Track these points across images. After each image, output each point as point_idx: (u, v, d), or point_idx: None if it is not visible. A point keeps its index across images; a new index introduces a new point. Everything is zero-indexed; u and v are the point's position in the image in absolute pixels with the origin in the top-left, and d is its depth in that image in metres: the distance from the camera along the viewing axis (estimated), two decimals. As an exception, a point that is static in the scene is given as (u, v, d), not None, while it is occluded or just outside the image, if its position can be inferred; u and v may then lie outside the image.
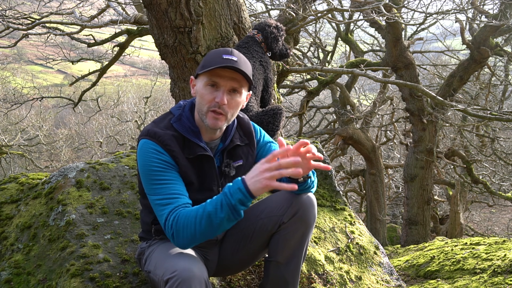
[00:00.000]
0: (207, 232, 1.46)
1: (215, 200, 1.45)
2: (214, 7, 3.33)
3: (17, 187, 2.49)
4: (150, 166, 1.58)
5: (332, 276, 2.29)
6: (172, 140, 1.62)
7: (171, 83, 3.72)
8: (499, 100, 10.58)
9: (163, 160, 1.59)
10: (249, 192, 1.40)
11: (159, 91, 20.71)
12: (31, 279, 1.96)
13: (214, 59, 1.60)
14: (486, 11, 8.02)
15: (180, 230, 1.47)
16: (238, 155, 1.76)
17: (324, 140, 11.03)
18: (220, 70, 1.59)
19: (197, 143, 1.65)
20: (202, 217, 1.44)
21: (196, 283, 1.40)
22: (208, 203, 1.47)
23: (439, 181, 10.23)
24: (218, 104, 1.60)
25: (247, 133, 1.79)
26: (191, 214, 1.48)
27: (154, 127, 1.64)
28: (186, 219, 1.47)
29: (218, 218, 1.43)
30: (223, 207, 1.42)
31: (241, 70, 1.58)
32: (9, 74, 19.25)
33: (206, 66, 1.60)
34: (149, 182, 1.59)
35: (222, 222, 1.44)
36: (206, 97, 1.61)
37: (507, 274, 2.56)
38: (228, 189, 1.44)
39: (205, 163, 1.68)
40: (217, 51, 1.65)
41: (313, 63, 11.13)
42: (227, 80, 1.60)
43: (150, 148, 1.60)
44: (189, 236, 1.47)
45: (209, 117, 1.61)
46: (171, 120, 1.68)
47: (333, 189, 2.90)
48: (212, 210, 1.43)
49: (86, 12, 7.99)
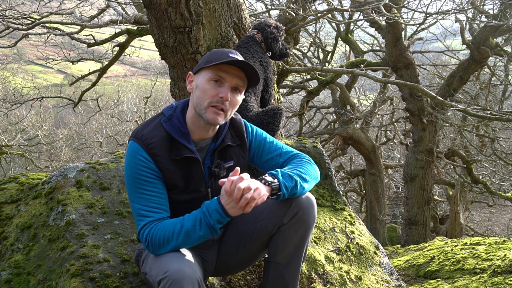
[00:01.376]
0: (183, 245, 1.54)
1: (194, 217, 1.52)
2: (214, 7, 3.34)
3: (17, 187, 2.49)
4: (135, 174, 1.61)
5: (332, 276, 2.29)
6: (159, 143, 1.62)
7: (171, 83, 3.72)
8: (499, 100, 10.58)
9: (148, 168, 1.60)
10: (227, 214, 1.48)
11: (159, 91, 20.70)
12: (31, 279, 1.96)
13: (221, 55, 1.61)
14: (486, 11, 8.02)
15: (155, 243, 1.54)
16: (229, 155, 1.75)
17: (324, 140, 11.03)
18: (227, 67, 1.60)
19: (185, 144, 1.64)
20: (180, 232, 1.51)
21: (187, 283, 1.41)
22: (186, 219, 1.53)
23: (439, 181, 10.23)
24: (222, 100, 1.60)
25: (239, 134, 1.78)
26: (168, 228, 1.53)
27: (144, 128, 1.65)
28: (162, 233, 1.53)
29: (197, 234, 1.52)
30: (202, 225, 1.50)
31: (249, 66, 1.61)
32: (9, 74, 19.25)
33: (212, 61, 1.60)
34: (132, 189, 1.62)
35: (200, 238, 1.53)
36: (208, 92, 1.61)
37: (507, 274, 2.56)
38: (206, 208, 1.51)
39: (192, 165, 1.67)
40: (221, 50, 1.66)
41: (313, 63, 11.13)
42: (233, 77, 1.62)
43: (136, 154, 1.61)
44: (163, 248, 1.54)
45: (209, 112, 1.61)
46: (162, 120, 1.68)
47: (333, 189, 2.90)
48: (191, 227, 1.51)
49: (86, 12, 8.00)
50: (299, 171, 1.66)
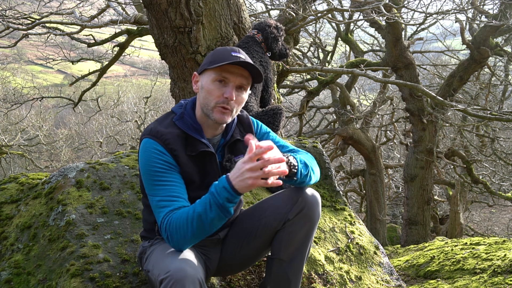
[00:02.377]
0: (200, 232, 1.49)
1: (204, 200, 1.48)
2: (214, 7, 3.34)
3: (17, 187, 2.49)
4: (151, 167, 1.60)
5: (332, 276, 2.29)
6: (175, 139, 1.64)
7: (171, 83, 3.73)
8: (499, 100, 10.59)
9: (164, 160, 1.61)
10: (235, 190, 1.43)
11: (159, 91, 20.71)
12: (31, 279, 1.96)
13: (224, 56, 1.62)
14: (486, 11, 8.02)
15: (173, 233, 1.51)
16: (239, 149, 1.78)
17: (324, 140, 11.03)
18: (230, 67, 1.62)
19: (199, 139, 1.67)
20: (193, 218, 1.48)
21: (189, 283, 1.40)
22: (197, 203, 1.50)
23: (439, 181, 10.23)
24: (227, 100, 1.62)
25: (247, 127, 1.82)
26: (182, 216, 1.50)
27: (157, 126, 1.67)
28: (178, 222, 1.50)
29: (209, 218, 1.47)
30: (212, 206, 1.45)
31: (252, 65, 1.61)
32: (9, 74, 19.26)
33: (215, 62, 1.61)
34: (150, 183, 1.61)
35: (213, 221, 1.48)
36: (214, 93, 1.63)
37: (507, 274, 2.56)
38: (214, 188, 1.47)
39: (207, 159, 1.69)
40: (224, 48, 1.67)
41: (313, 63, 11.14)
42: (237, 76, 1.63)
43: (152, 148, 1.62)
44: (182, 238, 1.50)
45: (216, 112, 1.64)
46: (174, 118, 1.70)
47: (333, 189, 2.90)
48: (202, 210, 1.47)
49: (86, 12, 8.00)
50: (311, 163, 1.70)
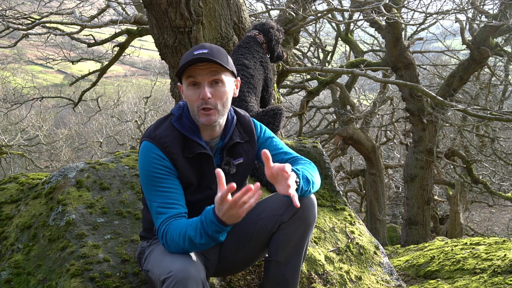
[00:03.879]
0: (192, 249, 1.52)
1: (195, 225, 1.49)
2: (214, 7, 3.34)
3: (17, 187, 2.49)
4: (150, 172, 1.61)
5: (332, 276, 2.29)
6: (173, 142, 1.64)
7: (171, 83, 3.73)
8: (499, 100, 10.58)
9: (163, 165, 1.61)
10: (224, 224, 1.43)
11: (159, 91, 20.70)
12: (31, 279, 1.96)
13: (186, 58, 1.60)
14: (486, 11, 8.02)
15: (168, 243, 1.54)
16: (238, 152, 1.76)
17: (324, 140, 11.03)
18: (195, 67, 1.59)
19: (197, 141, 1.66)
20: (184, 238, 1.50)
21: (192, 283, 1.41)
22: (189, 225, 1.50)
23: (439, 181, 10.22)
24: (204, 101, 1.60)
25: (248, 130, 1.79)
26: (176, 231, 1.52)
27: (156, 129, 1.67)
28: (172, 235, 1.52)
29: (199, 243, 1.49)
30: (202, 235, 1.47)
31: (213, 60, 1.57)
32: (9, 74, 19.25)
33: (180, 67, 1.60)
34: (148, 187, 1.62)
35: (203, 246, 1.50)
36: (192, 98, 1.62)
37: (507, 274, 2.56)
38: (204, 216, 1.46)
39: (204, 161, 1.69)
40: (189, 50, 1.65)
41: (313, 63, 11.14)
42: (204, 74, 1.60)
43: (150, 152, 1.62)
44: (176, 249, 1.53)
45: (201, 116, 1.62)
46: (172, 120, 1.70)
47: (333, 189, 2.90)
48: (193, 235, 1.48)
49: (86, 12, 8.00)
50: (313, 176, 1.68)
